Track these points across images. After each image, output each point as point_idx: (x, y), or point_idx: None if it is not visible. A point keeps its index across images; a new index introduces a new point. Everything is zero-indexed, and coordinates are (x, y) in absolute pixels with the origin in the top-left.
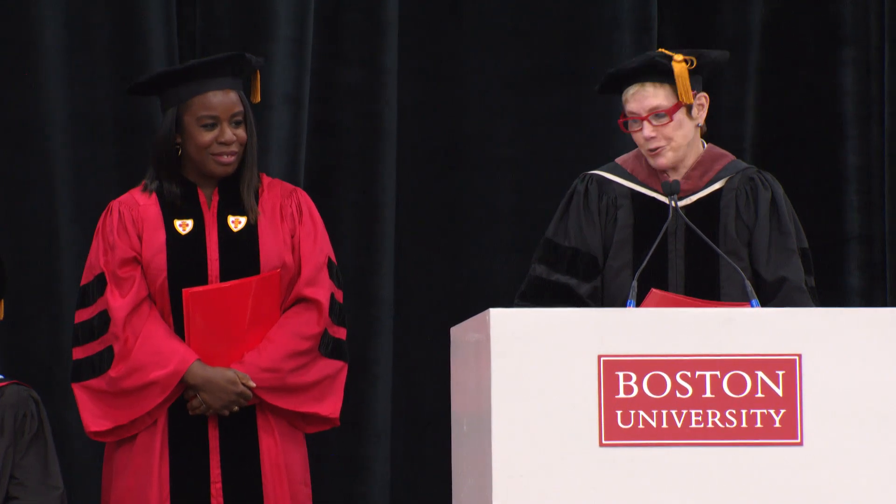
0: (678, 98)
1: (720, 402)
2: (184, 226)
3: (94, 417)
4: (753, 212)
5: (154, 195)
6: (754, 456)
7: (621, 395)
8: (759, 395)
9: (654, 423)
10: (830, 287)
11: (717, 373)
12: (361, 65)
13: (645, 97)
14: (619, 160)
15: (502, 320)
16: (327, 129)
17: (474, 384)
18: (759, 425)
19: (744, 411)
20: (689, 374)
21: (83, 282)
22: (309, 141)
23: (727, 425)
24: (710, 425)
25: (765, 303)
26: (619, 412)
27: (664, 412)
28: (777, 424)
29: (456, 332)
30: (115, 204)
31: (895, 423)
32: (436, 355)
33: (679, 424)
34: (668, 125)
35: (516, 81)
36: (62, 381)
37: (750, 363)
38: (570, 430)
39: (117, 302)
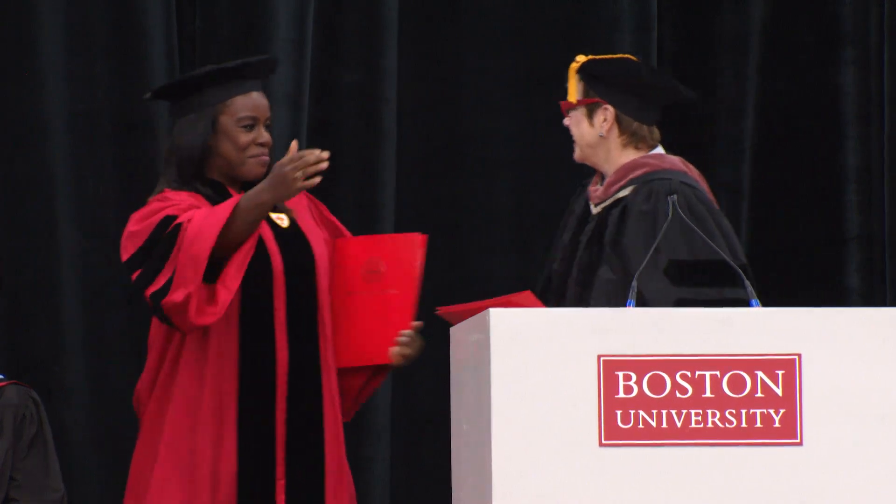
0: (579, 97)
1: (720, 401)
2: None
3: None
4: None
5: (194, 193)
6: (754, 456)
7: (621, 394)
8: (759, 394)
9: (653, 423)
10: (830, 287)
11: (717, 373)
12: (361, 65)
13: (569, 86)
14: None
15: (502, 320)
16: (326, 129)
17: (474, 384)
18: (758, 425)
19: (743, 411)
20: (688, 373)
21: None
22: (308, 141)
23: (727, 425)
24: (709, 425)
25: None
26: (618, 412)
27: (664, 412)
28: (777, 424)
29: (456, 331)
30: (165, 193)
31: (895, 423)
32: (435, 355)
33: (679, 424)
34: (570, 118)
35: (516, 82)
36: (62, 381)
37: (750, 363)
38: (569, 430)
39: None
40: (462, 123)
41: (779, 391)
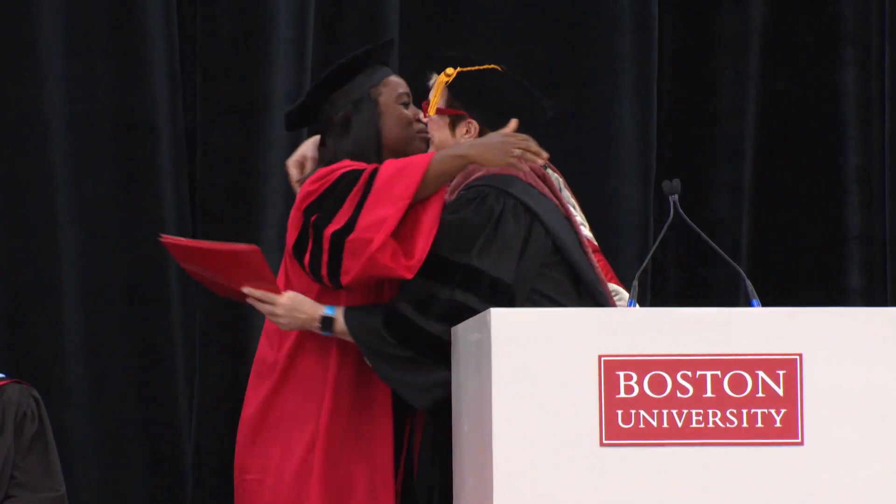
0: (444, 106)
1: (721, 401)
2: None
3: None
4: None
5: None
6: (755, 456)
7: (622, 394)
8: (760, 394)
9: (654, 423)
10: (831, 287)
11: (718, 372)
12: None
13: (431, 87)
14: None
15: (503, 320)
16: None
17: (475, 384)
18: (759, 425)
19: (744, 411)
20: (689, 373)
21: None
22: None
23: (728, 425)
24: (710, 425)
25: None
26: (619, 412)
27: (665, 412)
28: (778, 424)
29: (457, 332)
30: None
31: (895, 423)
32: None
33: (680, 424)
34: (430, 123)
35: None
36: (62, 380)
37: (751, 363)
38: (570, 430)
39: None
40: None
41: (780, 391)
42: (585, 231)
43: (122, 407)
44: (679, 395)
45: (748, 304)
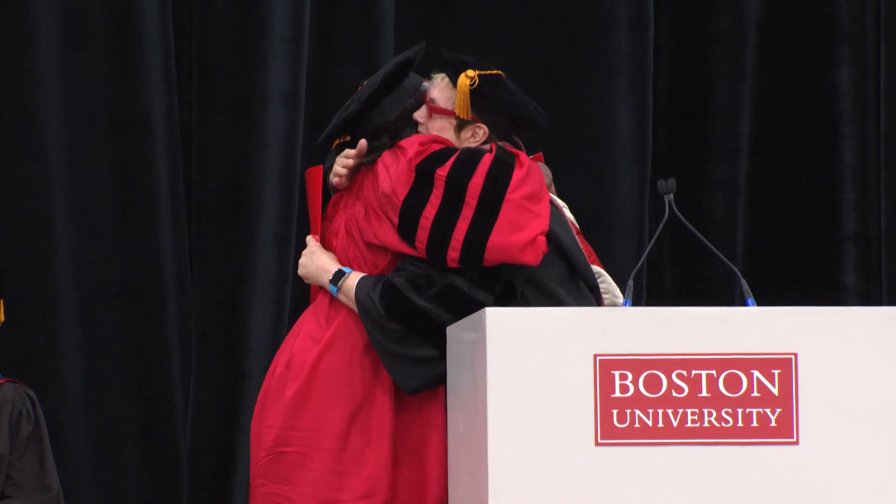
0: (452, 108)
1: (716, 401)
2: None
3: None
4: None
5: None
6: (750, 455)
7: (617, 394)
8: (755, 394)
9: (649, 423)
10: (826, 286)
11: (713, 372)
12: (357, 64)
13: (434, 86)
14: None
15: (498, 319)
16: (323, 128)
17: (470, 383)
18: (754, 424)
19: (740, 410)
20: (684, 373)
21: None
22: (304, 139)
23: (723, 424)
24: (705, 424)
25: None
26: (614, 411)
27: (660, 411)
28: (773, 423)
29: (452, 331)
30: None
31: (891, 422)
32: None
33: (675, 424)
34: (434, 121)
35: (512, 80)
36: (58, 380)
37: (746, 362)
38: (565, 430)
39: None
40: None
41: (775, 390)
42: (568, 214)
43: (117, 406)
44: (674, 394)
45: (743, 303)
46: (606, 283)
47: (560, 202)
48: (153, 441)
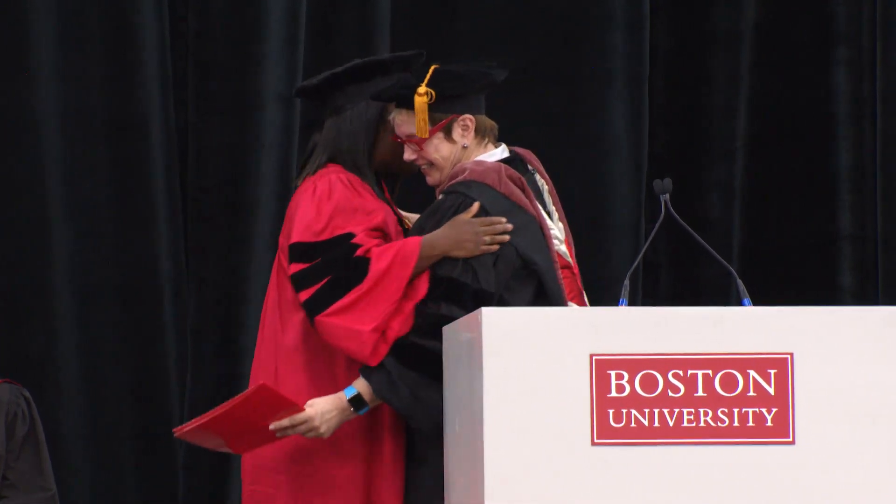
0: (430, 125)
1: (712, 400)
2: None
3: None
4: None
5: (361, 181)
6: (746, 455)
7: (613, 393)
8: (751, 393)
9: (645, 422)
10: (823, 286)
11: (709, 372)
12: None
13: (400, 124)
14: None
15: (494, 319)
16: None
17: (466, 383)
18: (751, 424)
19: (736, 410)
20: (681, 372)
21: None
22: (300, 140)
23: (719, 424)
24: (701, 424)
25: None
26: (610, 411)
27: (656, 411)
28: (769, 423)
29: (448, 331)
30: (339, 175)
31: (887, 422)
32: None
33: (671, 423)
34: (424, 150)
35: (508, 80)
36: (55, 380)
37: (742, 362)
38: (561, 429)
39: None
40: None
41: (771, 390)
42: (559, 246)
43: (114, 406)
44: (670, 394)
45: (739, 303)
46: None
47: (555, 231)
48: (150, 441)
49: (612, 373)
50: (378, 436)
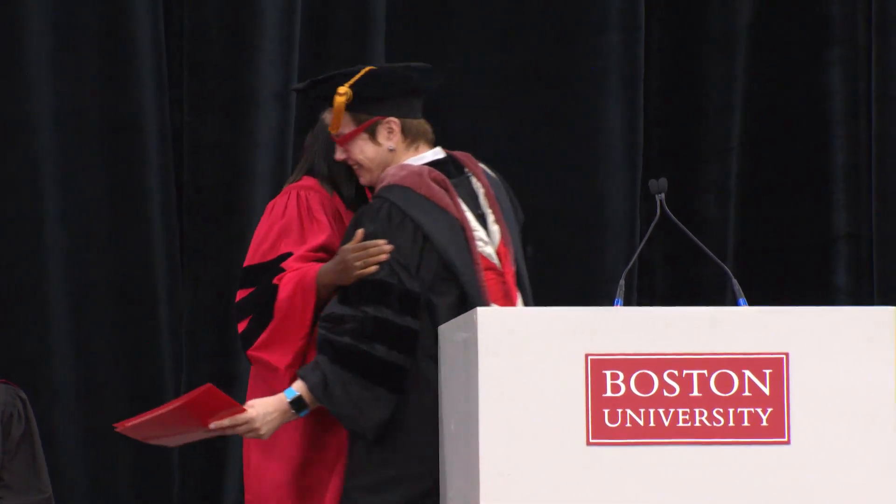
0: (353, 126)
1: (707, 400)
2: None
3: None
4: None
5: (335, 194)
6: (742, 455)
7: (609, 393)
8: (747, 393)
9: (641, 422)
10: (818, 286)
11: (705, 371)
12: (349, 64)
13: (326, 124)
14: None
15: (490, 319)
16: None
17: (462, 383)
18: (746, 424)
19: (731, 410)
20: (676, 372)
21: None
22: (296, 139)
23: (714, 424)
24: (697, 424)
25: None
26: (606, 411)
27: (651, 411)
28: (764, 423)
29: (443, 330)
30: (300, 192)
31: (882, 422)
32: None
33: (666, 423)
34: (350, 150)
35: (504, 81)
36: (50, 381)
37: (737, 362)
38: (557, 429)
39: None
40: (450, 123)
41: (766, 390)
42: (484, 247)
43: (109, 407)
44: (666, 394)
45: (735, 303)
46: None
47: (481, 233)
48: (144, 442)
49: (608, 373)
50: None
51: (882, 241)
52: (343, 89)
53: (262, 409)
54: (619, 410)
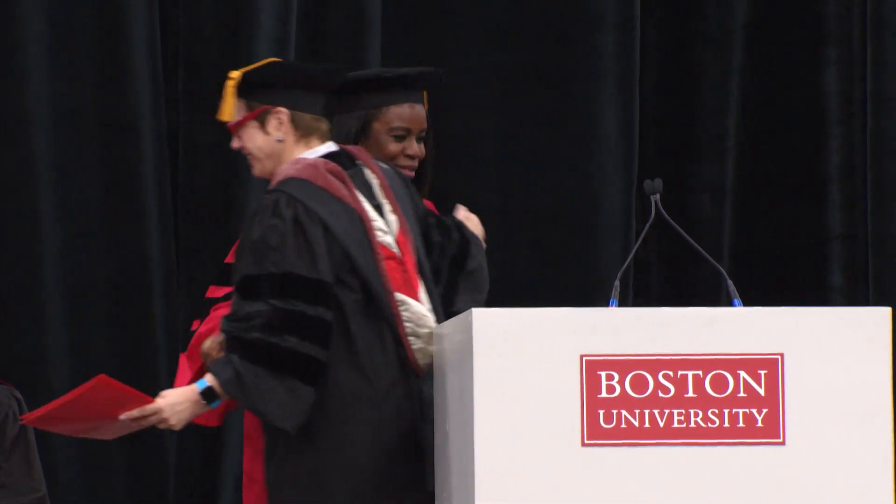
0: (245, 113)
1: (702, 401)
2: None
3: None
4: None
5: None
6: (737, 456)
7: (603, 394)
8: (742, 394)
9: (636, 423)
10: (813, 286)
11: (700, 372)
12: (345, 64)
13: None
14: None
15: (485, 320)
16: None
17: (457, 384)
18: (741, 425)
19: (726, 411)
20: (671, 373)
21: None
22: None
23: (709, 425)
24: (692, 425)
25: None
26: (601, 412)
27: (646, 412)
28: (759, 424)
29: (439, 331)
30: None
31: (877, 423)
32: None
33: (661, 424)
34: (242, 138)
35: (500, 80)
36: (46, 381)
37: (732, 362)
38: (552, 430)
39: None
40: (445, 123)
41: (761, 391)
42: (384, 236)
43: None
44: (661, 394)
45: (730, 303)
46: (410, 311)
47: (380, 223)
48: (140, 441)
49: (603, 373)
50: None
51: (877, 240)
52: (234, 74)
53: (172, 399)
54: (614, 411)
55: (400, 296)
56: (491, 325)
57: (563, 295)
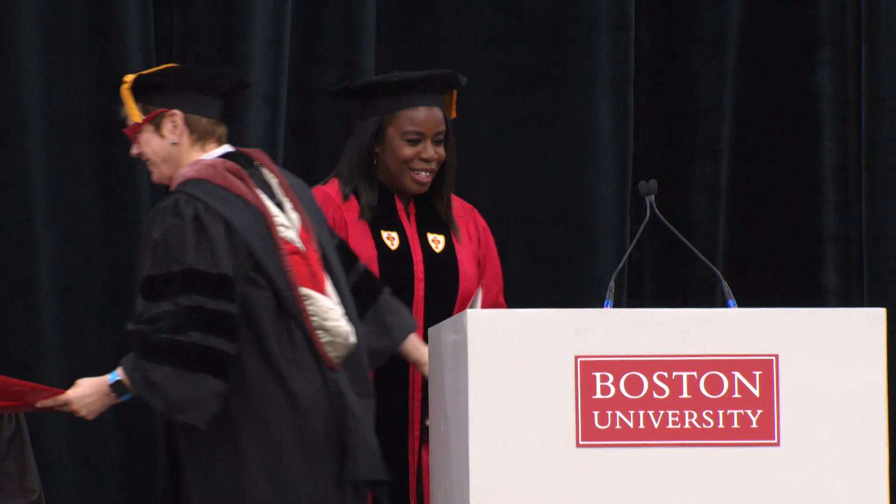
0: (141, 117)
1: (697, 402)
2: (391, 239)
3: None
4: None
5: (352, 198)
6: (731, 456)
7: (598, 395)
8: (736, 395)
9: (630, 424)
10: (807, 287)
11: (694, 373)
12: (339, 65)
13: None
14: None
15: (480, 321)
16: (305, 130)
17: (452, 385)
18: (735, 426)
19: (721, 412)
20: (665, 374)
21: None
22: (286, 141)
23: (704, 426)
24: (686, 426)
25: None
26: (595, 413)
27: (641, 413)
28: (754, 425)
29: (433, 332)
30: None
31: (871, 424)
32: None
33: (656, 425)
34: (139, 143)
35: (494, 82)
36: (39, 381)
37: (727, 363)
38: (547, 431)
39: None
40: None
41: (756, 392)
42: (286, 231)
43: None
44: (655, 395)
45: (724, 304)
46: (315, 304)
47: (281, 219)
48: (134, 441)
49: (597, 374)
50: None
51: (871, 241)
52: (128, 77)
53: (82, 391)
54: (609, 412)
55: (305, 290)
56: (486, 326)
57: (557, 296)
